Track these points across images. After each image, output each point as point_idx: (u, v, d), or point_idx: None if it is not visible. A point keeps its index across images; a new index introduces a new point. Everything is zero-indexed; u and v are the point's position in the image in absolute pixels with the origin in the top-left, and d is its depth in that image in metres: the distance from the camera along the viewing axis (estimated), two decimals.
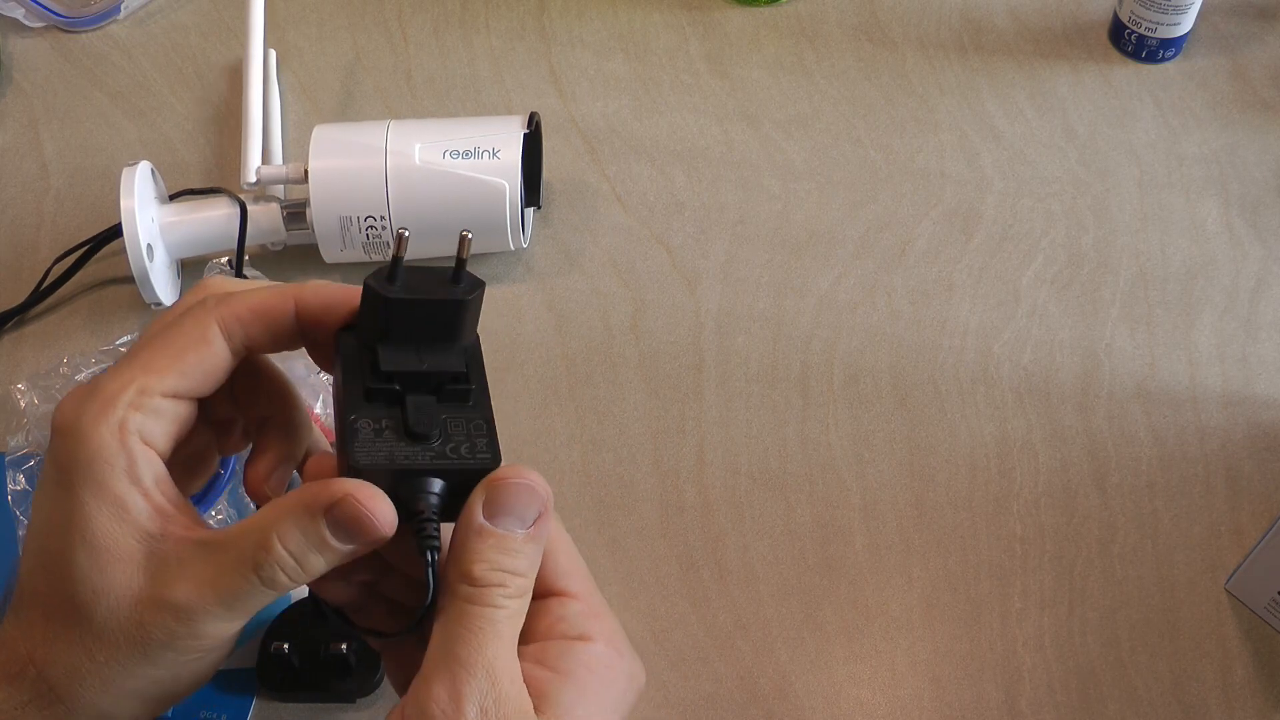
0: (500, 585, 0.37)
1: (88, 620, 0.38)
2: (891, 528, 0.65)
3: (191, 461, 0.44)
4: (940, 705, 0.60)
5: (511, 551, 0.38)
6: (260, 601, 0.38)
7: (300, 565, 0.38)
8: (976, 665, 0.61)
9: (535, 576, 0.39)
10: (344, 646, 0.59)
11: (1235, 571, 0.62)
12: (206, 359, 0.39)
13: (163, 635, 0.38)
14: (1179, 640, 0.62)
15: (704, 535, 0.65)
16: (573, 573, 0.41)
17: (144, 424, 0.38)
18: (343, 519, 0.37)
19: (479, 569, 0.38)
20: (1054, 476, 0.66)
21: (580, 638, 0.39)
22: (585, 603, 0.40)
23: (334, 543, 0.38)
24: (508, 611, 0.38)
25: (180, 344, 0.39)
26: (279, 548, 0.37)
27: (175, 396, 0.39)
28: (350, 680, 0.59)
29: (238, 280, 0.42)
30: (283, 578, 0.38)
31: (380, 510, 0.37)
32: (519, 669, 0.38)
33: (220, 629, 0.38)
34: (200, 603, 0.38)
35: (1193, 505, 0.66)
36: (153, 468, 0.39)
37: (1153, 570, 0.64)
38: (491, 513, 0.38)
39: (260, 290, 0.40)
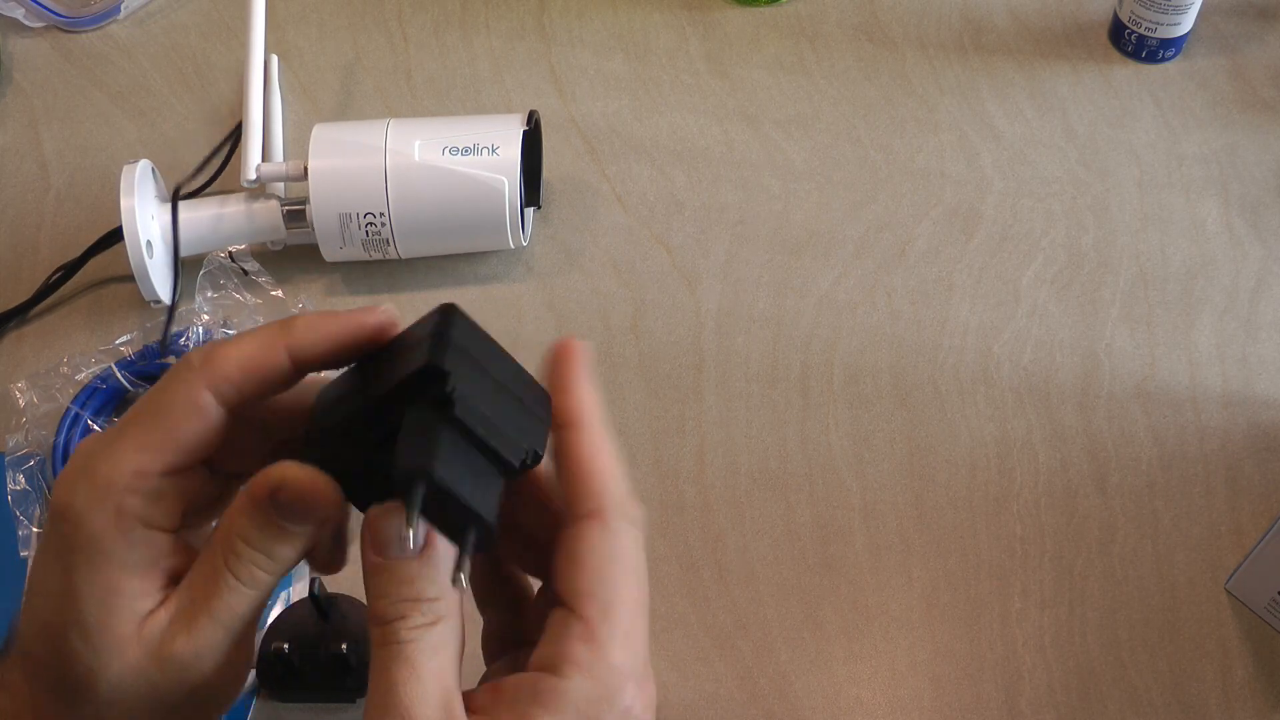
0: (402, 617, 0.36)
1: (92, 694, 0.37)
2: (891, 528, 0.65)
3: (214, 501, 0.42)
4: (940, 705, 0.60)
5: (408, 580, 0.36)
6: (249, 603, 0.38)
7: (271, 556, 0.37)
8: (976, 665, 0.61)
9: (456, 597, 0.36)
10: (344, 646, 0.59)
11: (1235, 571, 0.62)
12: (201, 429, 0.38)
13: (178, 689, 0.37)
14: (1179, 640, 0.62)
15: (704, 535, 0.65)
16: (590, 590, 0.37)
17: (145, 509, 0.37)
18: (287, 503, 0.37)
19: (380, 605, 0.36)
20: (1054, 476, 0.66)
21: (553, 669, 0.37)
22: (587, 625, 0.37)
23: (292, 527, 0.37)
24: (421, 644, 0.36)
25: (172, 417, 0.37)
26: (242, 546, 0.37)
27: (174, 473, 0.38)
28: (350, 680, 0.59)
29: (221, 340, 0.40)
30: (261, 573, 0.37)
31: (319, 484, 0.37)
32: (452, 705, 0.36)
33: (227, 651, 0.38)
34: (200, 642, 0.37)
35: (1193, 505, 0.66)
36: (153, 549, 0.38)
37: (1153, 570, 0.64)
38: (376, 546, 0.36)
39: (246, 344, 0.38)
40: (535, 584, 0.42)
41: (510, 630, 0.42)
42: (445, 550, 0.36)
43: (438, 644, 0.36)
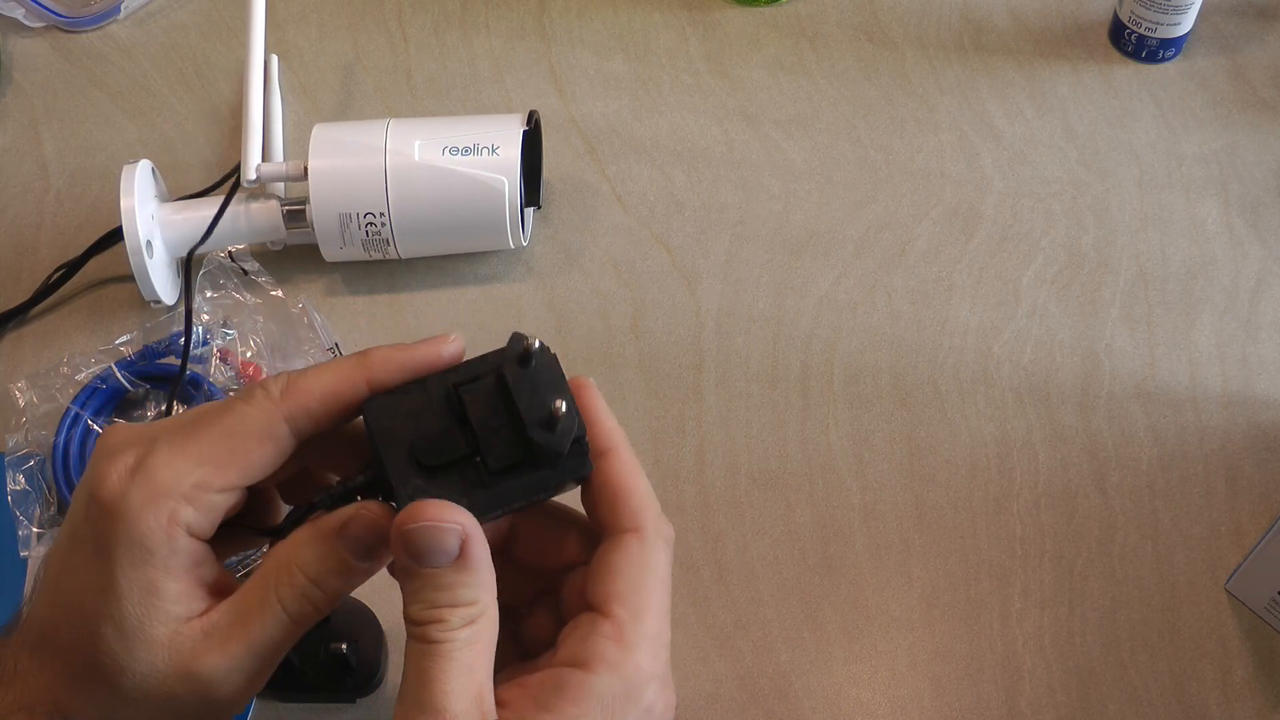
0: (437, 621, 0.37)
1: (114, 687, 0.38)
2: (891, 528, 0.65)
3: (238, 511, 0.43)
4: (940, 705, 0.60)
5: (444, 586, 0.37)
6: (288, 635, 0.39)
7: (324, 590, 0.38)
8: (976, 665, 0.61)
9: (490, 600, 0.38)
10: (344, 646, 0.58)
11: (1235, 571, 0.62)
12: (270, 456, 0.39)
13: (195, 703, 0.38)
14: (1179, 640, 0.62)
15: (704, 535, 0.65)
16: (623, 595, 0.39)
17: (194, 518, 0.38)
18: (356, 536, 0.38)
19: (414, 610, 0.37)
20: (1054, 476, 0.66)
21: (581, 664, 0.38)
22: (617, 626, 0.39)
23: (355, 562, 0.38)
24: (453, 644, 0.37)
25: (246, 442, 0.38)
26: (300, 576, 0.38)
27: (230, 490, 0.39)
28: (350, 680, 0.59)
29: (300, 371, 0.40)
30: (309, 607, 0.38)
31: (389, 520, 0.38)
32: (484, 697, 0.37)
33: (252, 677, 0.39)
34: (229, 664, 0.38)
35: (1193, 505, 0.66)
36: (193, 556, 0.38)
37: (1153, 570, 0.64)
38: (410, 557, 0.37)
39: (328, 376, 0.39)
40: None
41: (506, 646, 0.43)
42: (481, 556, 0.37)
43: (472, 640, 0.37)
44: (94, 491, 0.38)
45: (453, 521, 0.37)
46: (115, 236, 0.73)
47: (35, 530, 0.63)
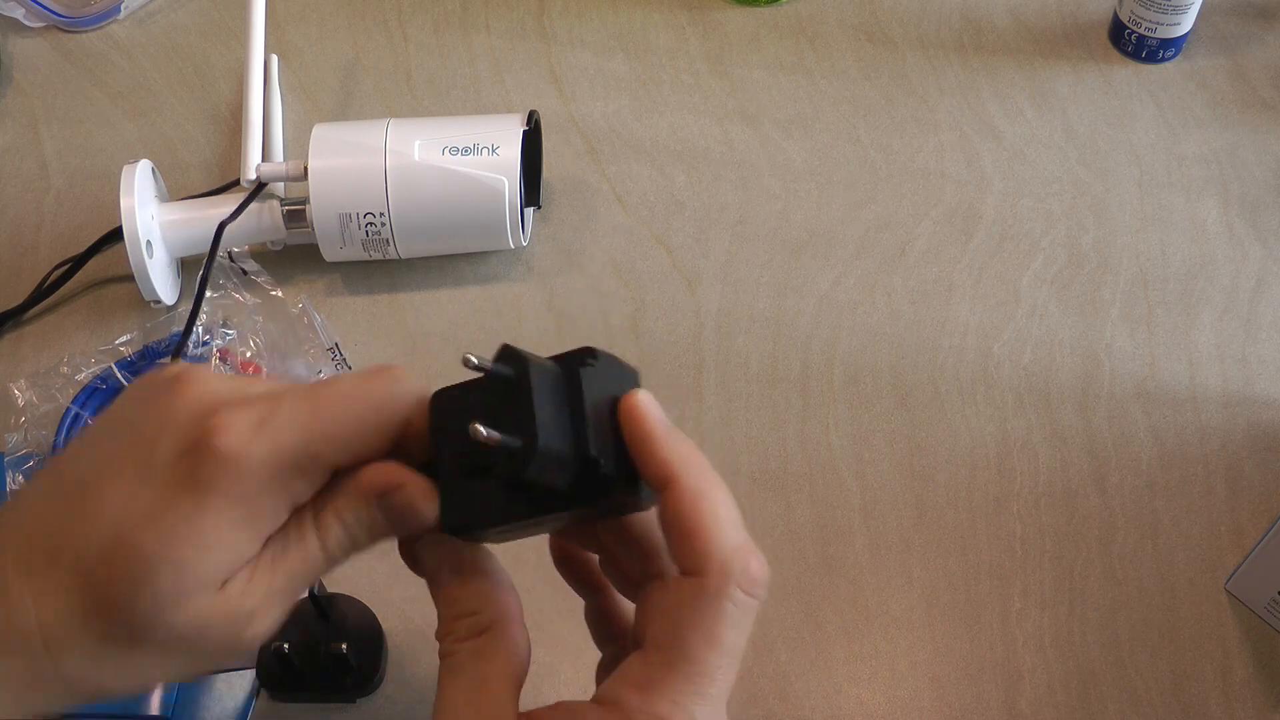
0: (447, 633, 0.39)
1: (137, 629, 0.36)
2: (891, 528, 0.65)
3: None
4: (940, 705, 0.60)
5: (452, 600, 0.39)
6: (315, 571, 0.39)
7: (354, 541, 0.39)
8: (976, 665, 0.61)
9: (499, 614, 0.38)
10: (344, 646, 0.58)
11: (1235, 571, 0.62)
12: (382, 449, 0.38)
13: (219, 643, 0.37)
14: (1179, 640, 0.62)
15: None
16: (660, 646, 0.36)
17: (301, 490, 0.38)
18: (395, 506, 0.38)
19: (439, 624, 0.39)
20: (1054, 476, 0.66)
21: (608, 702, 0.36)
22: (648, 672, 0.36)
23: (387, 529, 0.39)
24: (460, 655, 0.38)
25: (372, 436, 0.38)
26: (334, 522, 0.38)
27: (338, 468, 0.38)
28: (350, 680, 0.59)
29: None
30: (336, 549, 0.38)
31: (428, 500, 0.38)
32: (500, 708, 0.37)
33: (275, 615, 0.38)
34: (264, 595, 0.37)
35: (1193, 505, 0.66)
36: (275, 518, 0.38)
37: (1153, 570, 0.64)
38: (425, 574, 0.40)
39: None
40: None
41: (605, 620, 0.44)
42: (485, 568, 0.39)
43: (480, 653, 0.38)
44: (209, 437, 0.35)
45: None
46: (115, 236, 0.73)
47: None
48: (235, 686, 0.60)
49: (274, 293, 0.73)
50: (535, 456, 0.35)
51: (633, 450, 0.37)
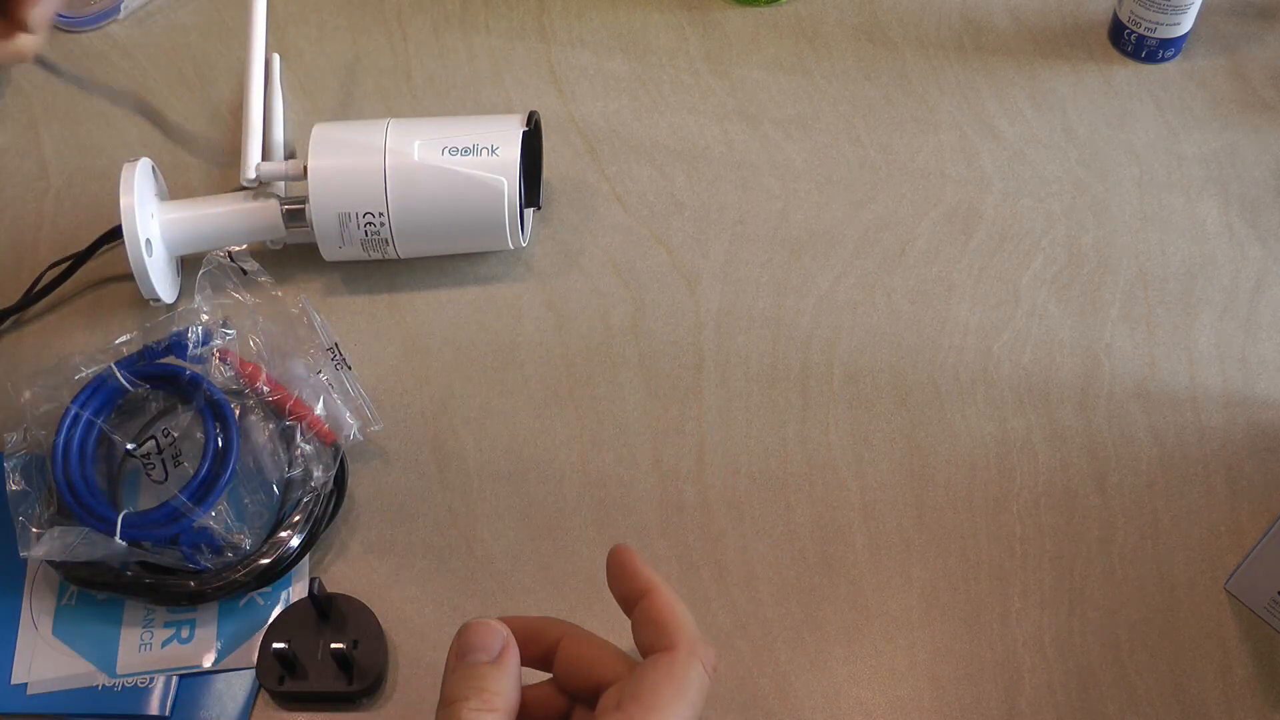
0: (464, 699, 0.44)
1: None
2: (891, 528, 0.65)
3: None
4: (940, 705, 0.60)
5: (477, 676, 0.45)
6: None
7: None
8: (976, 665, 0.61)
9: (511, 695, 0.45)
10: (344, 646, 0.59)
11: (1235, 571, 0.62)
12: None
13: None
14: (1179, 640, 0.62)
15: (704, 535, 0.65)
16: (637, 693, 0.44)
17: None
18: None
19: (450, 687, 0.45)
20: (1054, 476, 0.66)
21: None
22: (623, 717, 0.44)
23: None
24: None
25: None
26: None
27: None
28: (350, 680, 0.59)
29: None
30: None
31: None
32: None
33: None
34: None
35: (1193, 505, 0.66)
36: None
37: (1153, 570, 0.64)
38: (460, 652, 0.46)
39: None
40: None
41: None
42: (515, 659, 0.46)
43: None
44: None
45: (499, 627, 0.46)
46: (115, 236, 0.73)
47: (34, 530, 0.63)
48: (235, 686, 0.60)
49: (274, 292, 0.72)
50: None
51: (620, 578, 0.48)
